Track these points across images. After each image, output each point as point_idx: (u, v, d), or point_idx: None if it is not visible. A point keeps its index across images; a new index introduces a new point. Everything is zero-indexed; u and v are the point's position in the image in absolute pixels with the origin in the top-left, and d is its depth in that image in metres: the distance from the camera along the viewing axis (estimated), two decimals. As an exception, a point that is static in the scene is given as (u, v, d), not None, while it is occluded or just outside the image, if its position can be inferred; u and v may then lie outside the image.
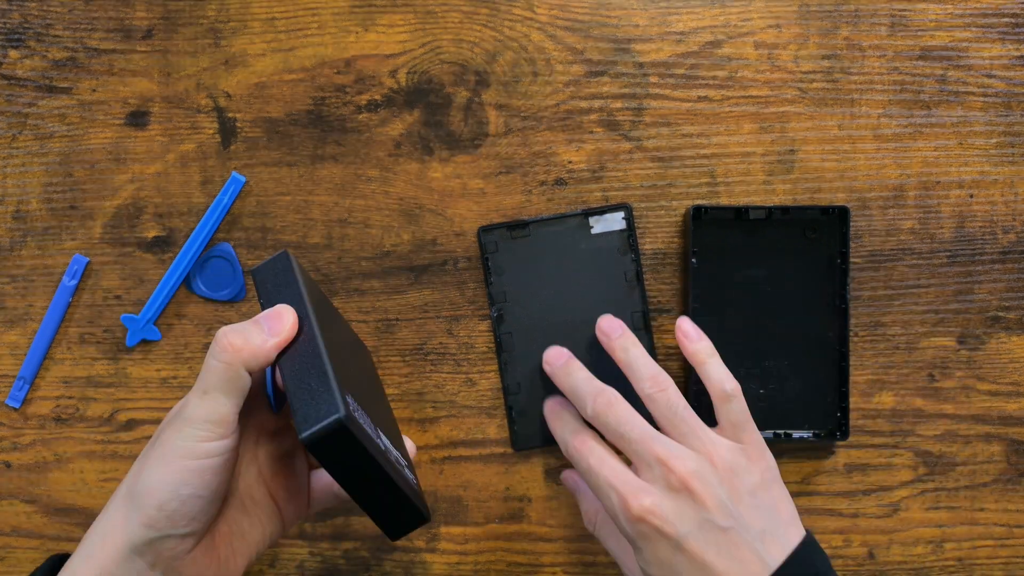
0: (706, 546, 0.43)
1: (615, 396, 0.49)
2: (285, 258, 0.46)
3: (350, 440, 0.39)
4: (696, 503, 0.43)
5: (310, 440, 0.38)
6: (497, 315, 0.58)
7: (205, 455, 0.42)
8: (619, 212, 0.58)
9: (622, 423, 0.47)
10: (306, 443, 0.38)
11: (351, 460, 0.40)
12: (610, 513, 0.46)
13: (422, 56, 0.59)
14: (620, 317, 0.57)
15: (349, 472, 0.40)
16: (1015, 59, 0.59)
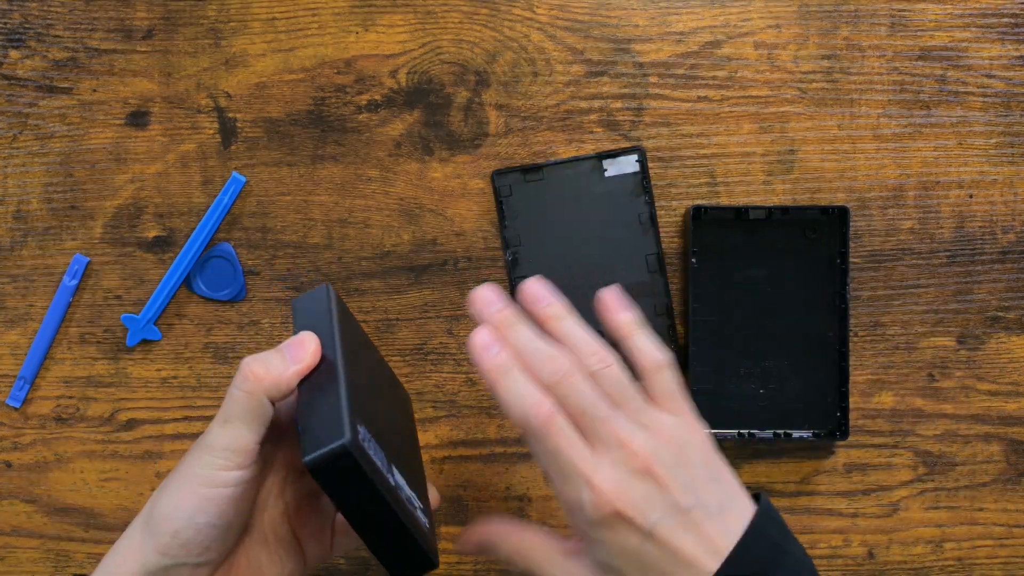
0: (673, 530, 0.41)
1: (577, 363, 0.43)
2: (324, 291, 0.45)
3: (354, 468, 0.38)
4: (660, 487, 0.41)
5: (312, 464, 0.38)
6: (512, 259, 0.59)
7: (222, 484, 0.41)
8: (633, 155, 0.59)
9: (586, 396, 0.42)
10: (308, 467, 0.38)
11: (354, 490, 0.39)
12: (571, 504, 0.42)
13: (422, 56, 0.59)
14: (634, 260, 0.58)
15: (351, 502, 0.39)
16: (1015, 59, 0.59)
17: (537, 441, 0.41)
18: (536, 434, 0.41)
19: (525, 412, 0.41)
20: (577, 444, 0.41)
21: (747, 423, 0.58)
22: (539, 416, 0.41)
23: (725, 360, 0.59)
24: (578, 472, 0.41)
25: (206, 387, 0.60)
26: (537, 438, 0.41)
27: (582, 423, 0.42)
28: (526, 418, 0.41)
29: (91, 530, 0.60)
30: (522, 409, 0.41)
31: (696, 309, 0.58)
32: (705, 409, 0.59)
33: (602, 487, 0.41)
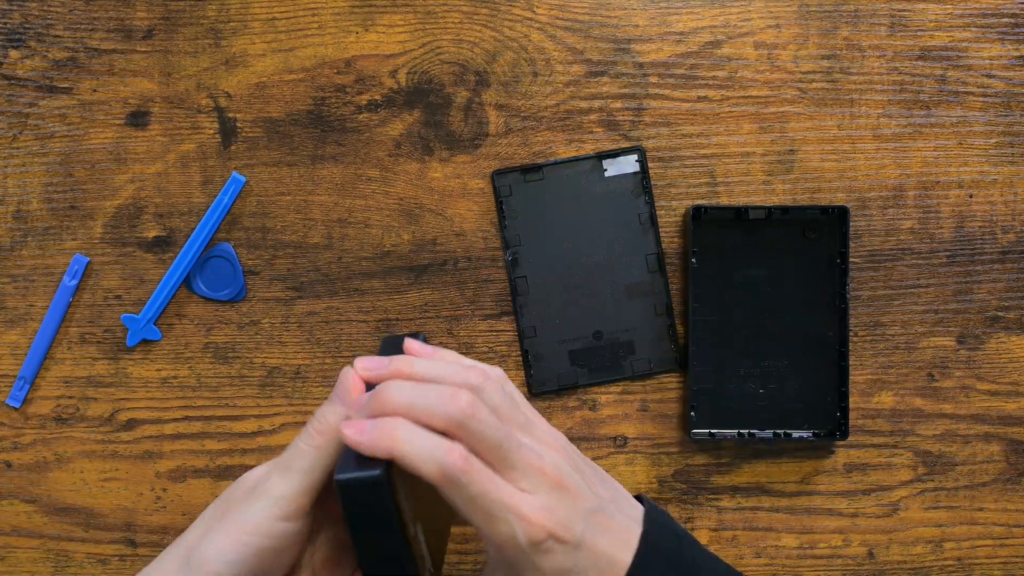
0: (594, 536, 0.41)
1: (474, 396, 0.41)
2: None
3: (383, 500, 0.38)
4: (571, 497, 0.41)
5: (344, 482, 0.38)
6: (512, 258, 0.59)
7: (274, 535, 0.41)
8: (633, 155, 0.59)
9: (494, 428, 0.40)
10: (339, 484, 0.38)
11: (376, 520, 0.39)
12: (501, 540, 0.40)
13: (422, 56, 0.59)
14: (634, 260, 0.59)
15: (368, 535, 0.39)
16: (1015, 59, 0.59)
17: (457, 489, 0.39)
18: (455, 482, 0.39)
19: (440, 463, 0.39)
20: (496, 480, 0.40)
21: (747, 423, 0.58)
22: (455, 463, 0.39)
23: (725, 360, 0.59)
24: (506, 508, 0.39)
25: (206, 387, 0.60)
26: (457, 486, 0.39)
27: (494, 456, 0.40)
28: (441, 469, 0.39)
29: (91, 530, 0.60)
30: (435, 461, 0.39)
31: (696, 309, 0.58)
32: (705, 409, 0.59)
33: (531, 516, 0.40)
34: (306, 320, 0.59)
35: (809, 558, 0.59)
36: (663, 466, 0.59)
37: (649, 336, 0.59)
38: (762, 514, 0.59)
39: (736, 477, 0.59)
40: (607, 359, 0.59)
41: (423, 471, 0.39)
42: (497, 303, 0.59)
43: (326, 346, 0.59)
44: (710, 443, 0.59)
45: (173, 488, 0.60)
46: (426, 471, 0.39)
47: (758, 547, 0.59)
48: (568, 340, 0.59)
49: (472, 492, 0.39)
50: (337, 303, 0.59)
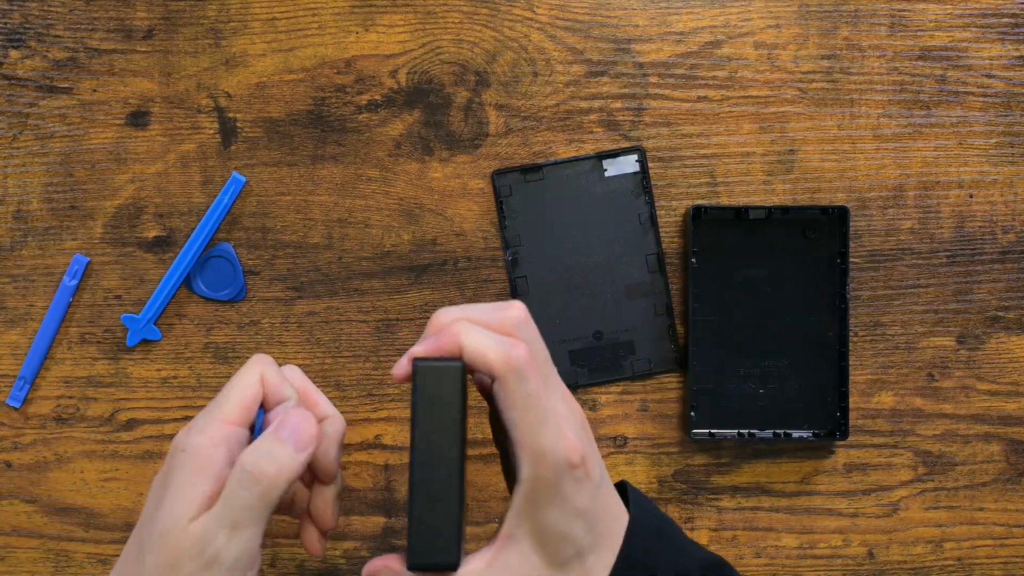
0: (608, 485, 0.41)
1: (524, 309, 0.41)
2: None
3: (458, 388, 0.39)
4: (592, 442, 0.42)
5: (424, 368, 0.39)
6: (512, 258, 0.59)
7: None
8: (633, 155, 0.59)
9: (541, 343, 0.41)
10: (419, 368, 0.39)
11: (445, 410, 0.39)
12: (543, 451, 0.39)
13: (422, 56, 0.59)
14: (634, 260, 0.59)
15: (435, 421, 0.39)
16: (1015, 59, 0.59)
17: (519, 382, 0.39)
18: (519, 375, 0.39)
19: (506, 352, 0.39)
20: (545, 389, 0.40)
21: (747, 423, 0.58)
22: (520, 356, 0.39)
23: (725, 360, 0.59)
24: (556, 415, 0.39)
25: (206, 387, 0.60)
26: (520, 378, 0.39)
27: (544, 370, 0.40)
28: (508, 358, 0.38)
29: (91, 530, 0.60)
30: (502, 350, 0.39)
31: (696, 309, 0.58)
32: (705, 409, 0.59)
33: (571, 436, 0.39)
34: (306, 320, 0.59)
35: (809, 558, 0.59)
36: (663, 466, 0.59)
37: (649, 336, 0.59)
38: (762, 514, 0.59)
39: (736, 477, 0.59)
40: (607, 359, 0.59)
41: (491, 359, 0.38)
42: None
43: (326, 346, 0.59)
44: (710, 443, 0.59)
45: (173, 488, 0.60)
46: (493, 359, 0.38)
47: (758, 547, 0.59)
48: (568, 340, 0.59)
49: (530, 388, 0.39)
50: (337, 303, 0.59)
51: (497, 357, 0.39)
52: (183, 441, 0.39)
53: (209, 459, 0.39)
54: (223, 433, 0.39)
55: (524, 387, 0.39)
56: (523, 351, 0.39)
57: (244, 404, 0.40)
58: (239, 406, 0.40)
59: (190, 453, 0.39)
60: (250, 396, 0.41)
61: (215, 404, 0.41)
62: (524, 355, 0.39)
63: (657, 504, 0.59)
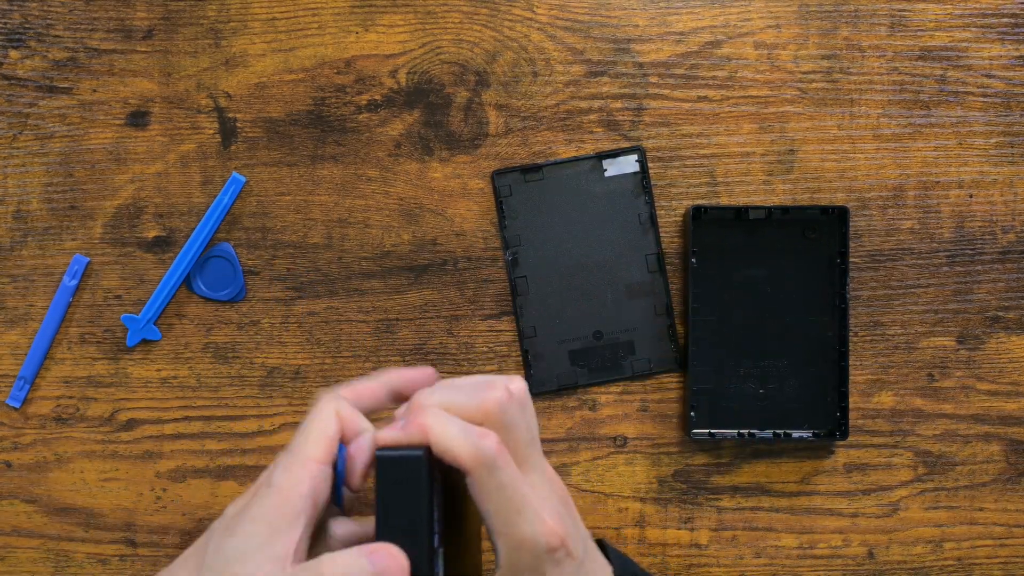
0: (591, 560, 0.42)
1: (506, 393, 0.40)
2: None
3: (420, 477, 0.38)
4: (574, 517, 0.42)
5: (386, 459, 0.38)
6: (511, 258, 0.59)
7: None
8: (633, 155, 0.59)
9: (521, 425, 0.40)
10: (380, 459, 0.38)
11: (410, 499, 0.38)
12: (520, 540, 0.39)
13: (422, 56, 0.59)
14: (634, 260, 0.59)
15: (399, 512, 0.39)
16: (1015, 59, 0.59)
17: (489, 475, 0.38)
18: (489, 466, 0.38)
19: (475, 445, 0.38)
20: (520, 476, 0.39)
21: (747, 423, 0.58)
22: (490, 446, 0.38)
23: (725, 360, 0.59)
24: (531, 504, 0.39)
25: (206, 387, 0.60)
26: (490, 471, 0.38)
27: (520, 455, 0.40)
28: (476, 451, 0.38)
29: (91, 530, 0.60)
30: (470, 443, 0.38)
31: (696, 309, 0.58)
32: (705, 409, 0.59)
33: (549, 520, 0.39)
34: (306, 320, 0.59)
35: (809, 558, 0.59)
36: (663, 466, 0.59)
37: (649, 336, 0.59)
38: (762, 514, 0.59)
39: (736, 477, 0.59)
40: (607, 359, 0.59)
41: (457, 453, 0.38)
42: (497, 303, 0.59)
43: (326, 346, 0.59)
44: (710, 443, 0.59)
45: (173, 488, 0.60)
46: (460, 453, 0.38)
47: (758, 547, 0.59)
48: (568, 340, 0.59)
49: (503, 479, 0.38)
50: (337, 303, 0.59)
51: (464, 451, 0.38)
52: (268, 477, 0.40)
53: (291, 498, 0.39)
54: (308, 472, 0.39)
55: (496, 478, 0.38)
56: (492, 442, 0.38)
57: (326, 441, 0.40)
58: (322, 444, 0.40)
59: (275, 489, 0.39)
60: (331, 433, 0.41)
61: (298, 443, 0.40)
62: (493, 447, 0.38)
63: (657, 504, 0.59)
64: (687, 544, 0.59)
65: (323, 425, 0.40)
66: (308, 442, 0.40)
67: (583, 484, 0.59)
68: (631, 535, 0.59)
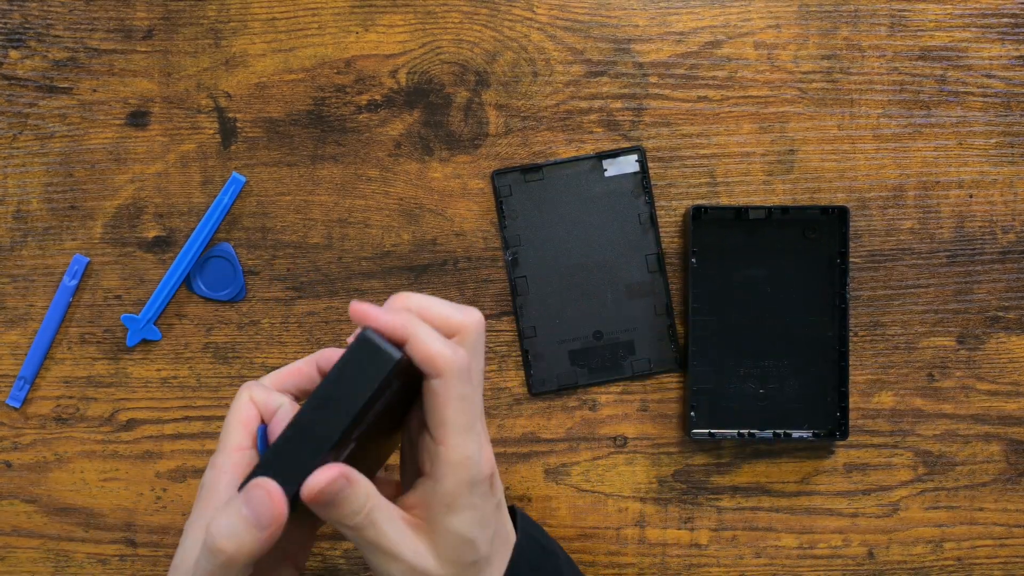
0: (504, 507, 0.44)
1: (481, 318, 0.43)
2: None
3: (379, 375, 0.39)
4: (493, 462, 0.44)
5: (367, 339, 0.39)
6: (511, 258, 0.59)
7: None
8: (633, 155, 0.59)
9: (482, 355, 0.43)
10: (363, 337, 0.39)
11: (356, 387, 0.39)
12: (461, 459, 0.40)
13: (422, 56, 0.59)
14: (633, 260, 0.59)
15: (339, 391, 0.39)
16: (1015, 59, 0.59)
17: (458, 383, 0.39)
18: (459, 376, 0.39)
19: (453, 351, 0.39)
20: (480, 397, 0.41)
21: (747, 423, 0.58)
22: (463, 359, 0.39)
23: (725, 360, 0.59)
24: (479, 428, 0.40)
25: (206, 387, 0.60)
26: (460, 379, 0.39)
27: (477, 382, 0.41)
28: (455, 358, 0.39)
29: (91, 530, 0.60)
30: (446, 355, 0.39)
31: (696, 309, 0.58)
32: (705, 409, 0.59)
33: (487, 452, 0.41)
34: (306, 320, 0.59)
35: (809, 558, 0.59)
36: (663, 466, 0.59)
37: (649, 336, 0.59)
38: (762, 514, 0.59)
39: (736, 477, 0.59)
40: (607, 359, 0.59)
41: (435, 353, 0.39)
42: (497, 303, 0.59)
43: (326, 346, 0.59)
44: (710, 443, 0.59)
45: (173, 488, 0.60)
46: (438, 353, 0.39)
47: (758, 547, 0.59)
48: (568, 340, 0.59)
49: (467, 391, 0.40)
50: (337, 303, 0.59)
51: (442, 353, 0.39)
52: (202, 479, 0.42)
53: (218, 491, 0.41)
54: (232, 461, 0.41)
55: (462, 389, 0.40)
56: (465, 355, 0.40)
57: (242, 428, 0.42)
58: (239, 432, 0.42)
59: (206, 489, 0.41)
60: (246, 419, 0.42)
61: (221, 439, 0.42)
62: (466, 359, 0.40)
63: (657, 504, 0.59)
64: (687, 544, 0.59)
65: (239, 415, 0.42)
66: (227, 434, 0.42)
67: (583, 484, 0.59)
68: (631, 535, 0.59)
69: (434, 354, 0.39)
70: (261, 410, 0.43)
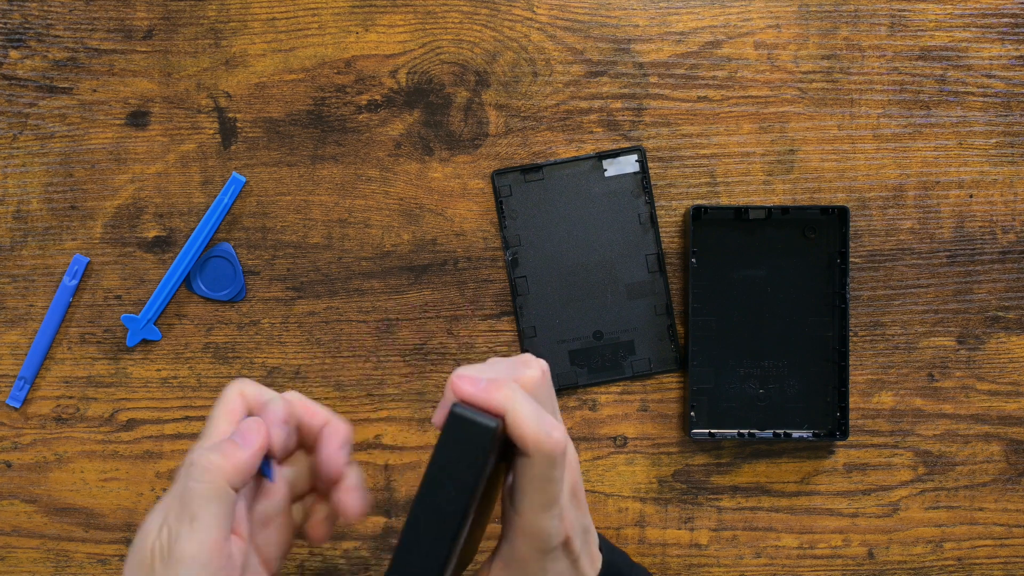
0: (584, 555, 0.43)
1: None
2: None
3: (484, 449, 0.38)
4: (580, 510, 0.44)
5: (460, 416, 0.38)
6: (512, 258, 0.59)
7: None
8: (633, 155, 0.59)
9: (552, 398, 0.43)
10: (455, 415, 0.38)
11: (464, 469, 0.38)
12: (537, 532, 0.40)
13: (422, 56, 0.59)
14: (633, 260, 0.59)
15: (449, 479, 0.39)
16: (1015, 59, 0.59)
17: (547, 467, 0.39)
18: (550, 460, 0.39)
19: (548, 434, 0.39)
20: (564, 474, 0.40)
21: (747, 423, 0.58)
22: (558, 444, 0.39)
23: (725, 360, 0.59)
24: (559, 503, 0.40)
25: (206, 387, 0.60)
26: (550, 464, 0.39)
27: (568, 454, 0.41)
28: (549, 441, 0.39)
29: (91, 530, 0.60)
30: (545, 431, 0.39)
31: (696, 309, 0.58)
32: (705, 409, 0.59)
33: (566, 517, 0.41)
34: (306, 320, 0.59)
35: (809, 558, 0.59)
36: (663, 466, 0.59)
37: (649, 336, 0.59)
38: (762, 514, 0.59)
39: (736, 477, 0.59)
40: (607, 359, 0.59)
41: (530, 434, 0.38)
42: (497, 303, 0.59)
43: (326, 346, 0.59)
44: (710, 443, 0.59)
45: (173, 488, 0.60)
46: (532, 435, 0.38)
47: (758, 547, 0.59)
48: (568, 340, 0.59)
49: (555, 475, 0.39)
50: (337, 303, 0.59)
51: (537, 435, 0.39)
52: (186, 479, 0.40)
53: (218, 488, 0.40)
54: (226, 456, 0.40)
55: (550, 472, 0.39)
56: (560, 437, 0.39)
57: (231, 417, 0.42)
58: (227, 421, 0.42)
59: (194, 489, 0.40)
60: (234, 410, 0.42)
61: (206, 430, 0.42)
62: (561, 443, 0.39)
63: (657, 504, 0.59)
64: (687, 544, 0.59)
65: (226, 407, 0.42)
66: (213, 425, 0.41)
67: (583, 484, 0.59)
68: (631, 535, 0.59)
69: (527, 433, 0.38)
70: (251, 405, 0.42)
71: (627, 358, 0.59)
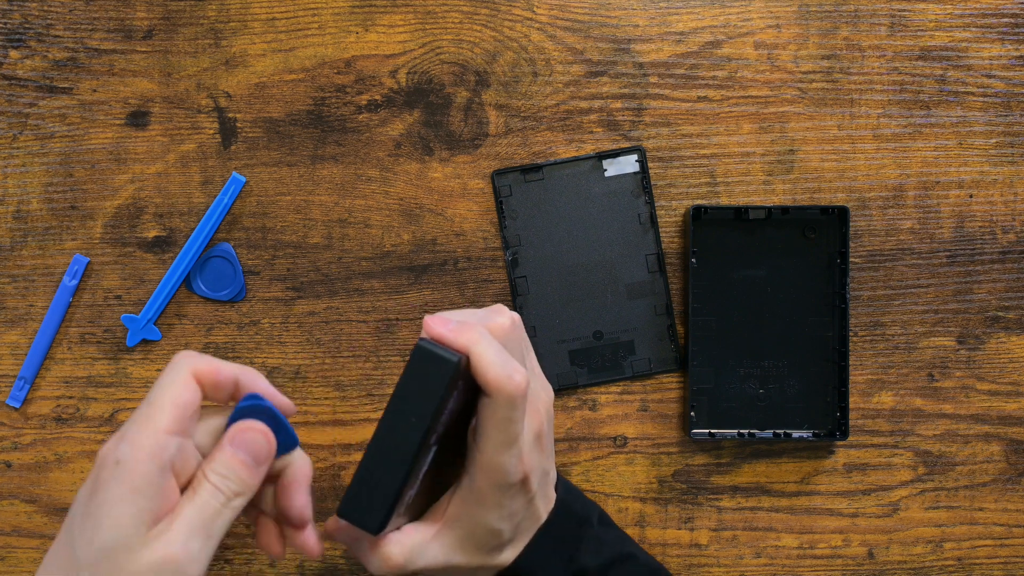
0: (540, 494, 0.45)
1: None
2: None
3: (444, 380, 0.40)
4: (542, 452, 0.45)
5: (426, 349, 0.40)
6: (512, 258, 0.59)
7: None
8: (633, 155, 0.59)
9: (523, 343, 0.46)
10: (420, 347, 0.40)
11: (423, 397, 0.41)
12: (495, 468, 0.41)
13: (422, 56, 0.59)
14: (633, 260, 0.59)
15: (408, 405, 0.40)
16: (1015, 59, 0.59)
17: (508, 408, 0.41)
18: (511, 401, 0.41)
19: (509, 376, 0.40)
20: (524, 416, 0.42)
21: (747, 423, 0.58)
22: (519, 387, 0.41)
23: (725, 360, 0.59)
24: (520, 442, 0.42)
25: (206, 387, 0.60)
26: (510, 406, 0.41)
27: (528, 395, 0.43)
28: (510, 383, 0.40)
29: (91, 530, 0.60)
30: (507, 373, 0.40)
31: (696, 309, 0.58)
32: (705, 409, 0.59)
33: (524, 455, 0.42)
34: (306, 320, 0.59)
35: (809, 558, 0.59)
36: (663, 466, 0.59)
37: (649, 336, 0.59)
38: (762, 514, 0.59)
39: (736, 477, 0.59)
40: (607, 359, 0.59)
41: (492, 375, 0.40)
42: (497, 303, 0.59)
43: (326, 346, 0.59)
44: (710, 443, 0.59)
45: (173, 488, 0.60)
46: (495, 376, 0.40)
47: (758, 547, 0.59)
48: (568, 340, 0.59)
49: (514, 416, 0.41)
50: (337, 303, 0.59)
51: (499, 376, 0.41)
52: (113, 453, 0.37)
53: (143, 474, 0.36)
54: (158, 443, 0.37)
55: (508, 414, 0.41)
56: (521, 380, 0.41)
57: (179, 411, 0.38)
58: (172, 414, 0.38)
59: (123, 467, 0.36)
60: (184, 401, 0.38)
61: (146, 412, 0.38)
62: (521, 385, 0.41)
63: (657, 504, 0.59)
64: (687, 544, 0.59)
65: (174, 393, 0.38)
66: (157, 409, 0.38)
67: (583, 484, 0.59)
68: (631, 535, 0.59)
69: (490, 374, 0.40)
70: (208, 386, 0.39)
71: (627, 358, 0.59)
